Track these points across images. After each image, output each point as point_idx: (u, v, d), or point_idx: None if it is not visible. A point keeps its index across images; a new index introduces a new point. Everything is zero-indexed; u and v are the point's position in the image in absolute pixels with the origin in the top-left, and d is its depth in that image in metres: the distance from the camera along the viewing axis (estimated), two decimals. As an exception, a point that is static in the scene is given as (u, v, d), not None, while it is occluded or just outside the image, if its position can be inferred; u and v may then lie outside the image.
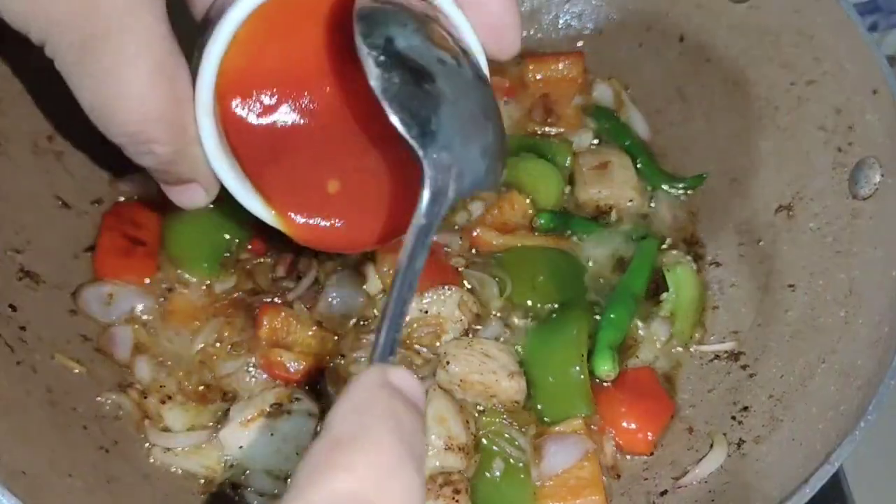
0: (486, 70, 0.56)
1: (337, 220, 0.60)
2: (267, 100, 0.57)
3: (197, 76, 0.54)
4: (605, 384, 0.81)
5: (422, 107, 0.45)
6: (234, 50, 0.54)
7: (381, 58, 0.45)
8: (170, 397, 0.78)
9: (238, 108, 0.56)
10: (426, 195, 0.45)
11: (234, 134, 0.57)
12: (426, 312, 0.80)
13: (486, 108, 0.51)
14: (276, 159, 0.59)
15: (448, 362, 0.77)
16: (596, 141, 0.96)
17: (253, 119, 0.57)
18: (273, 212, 0.60)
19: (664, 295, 0.86)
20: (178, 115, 0.52)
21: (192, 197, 0.64)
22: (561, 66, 0.97)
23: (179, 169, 0.59)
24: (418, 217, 0.44)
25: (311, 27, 0.56)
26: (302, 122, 0.58)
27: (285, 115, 0.58)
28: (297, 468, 0.33)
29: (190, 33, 0.58)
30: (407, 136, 0.45)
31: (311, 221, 0.60)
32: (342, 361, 0.80)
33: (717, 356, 0.85)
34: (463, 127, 0.48)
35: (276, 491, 0.74)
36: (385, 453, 0.33)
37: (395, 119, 0.45)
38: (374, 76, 0.45)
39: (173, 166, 0.58)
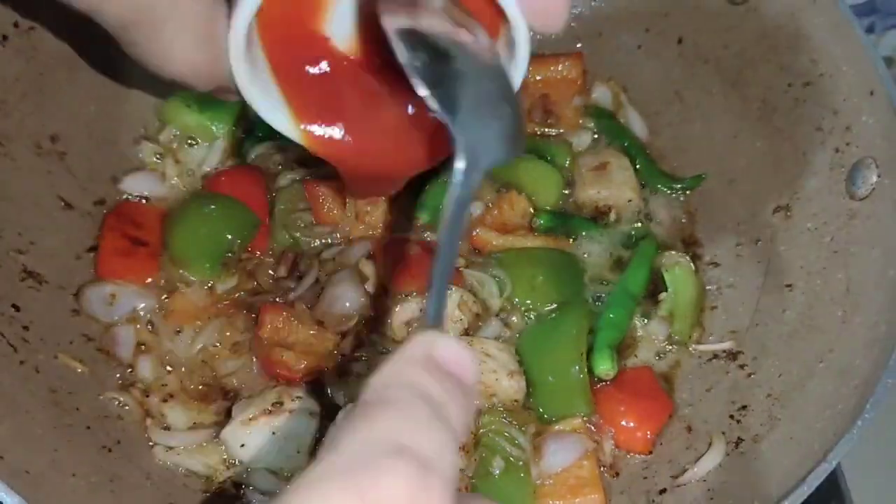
0: (526, 47, 0.56)
1: (360, 141, 0.61)
2: (305, 37, 0.58)
3: (230, 27, 0.54)
4: (604, 383, 0.82)
5: (448, 85, 0.48)
6: None
7: (408, 39, 0.49)
8: (172, 396, 0.78)
9: (277, 41, 0.58)
10: (460, 167, 0.47)
11: (274, 56, 0.58)
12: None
13: (503, 87, 0.53)
14: (312, 82, 0.60)
15: (448, 362, 0.77)
16: (595, 141, 0.97)
17: (292, 52, 0.58)
18: (301, 127, 0.61)
19: (663, 295, 0.87)
20: (215, 69, 0.56)
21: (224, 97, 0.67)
22: (560, 67, 0.98)
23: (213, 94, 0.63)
24: (454, 187, 0.46)
25: None
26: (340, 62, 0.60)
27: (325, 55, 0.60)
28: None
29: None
30: (439, 111, 0.47)
31: (335, 136, 0.61)
32: (343, 360, 0.80)
33: (715, 356, 0.86)
34: (484, 105, 0.50)
35: (278, 489, 0.75)
36: (414, 414, 0.34)
37: (426, 95, 0.47)
38: (403, 56, 0.48)
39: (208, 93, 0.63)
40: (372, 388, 0.35)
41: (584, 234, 0.90)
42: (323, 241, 0.87)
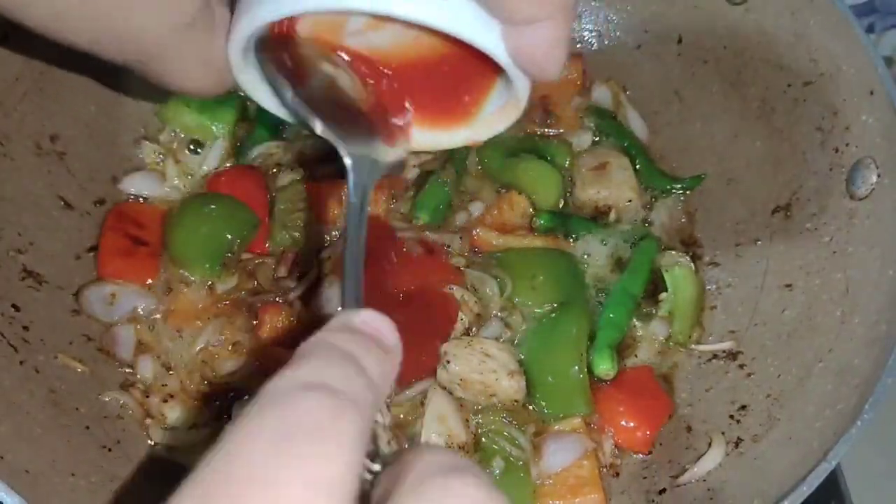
0: (525, 92, 0.58)
1: None
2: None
3: (227, 51, 0.55)
4: (604, 383, 0.82)
5: (342, 119, 0.55)
6: None
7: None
8: (172, 396, 0.78)
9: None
10: (352, 179, 0.53)
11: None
12: (426, 312, 0.80)
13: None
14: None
15: (448, 362, 0.78)
16: (595, 141, 0.97)
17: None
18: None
19: (662, 295, 0.87)
20: (220, 83, 0.57)
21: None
22: (560, 67, 0.98)
23: None
24: (351, 196, 0.52)
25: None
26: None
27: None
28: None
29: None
30: (334, 139, 0.53)
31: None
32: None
33: (715, 355, 0.86)
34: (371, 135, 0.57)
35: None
36: (325, 359, 0.37)
37: (326, 130, 0.53)
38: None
39: None
40: (295, 361, 0.38)
41: (584, 234, 0.90)
42: (323, 240, 0.87)
